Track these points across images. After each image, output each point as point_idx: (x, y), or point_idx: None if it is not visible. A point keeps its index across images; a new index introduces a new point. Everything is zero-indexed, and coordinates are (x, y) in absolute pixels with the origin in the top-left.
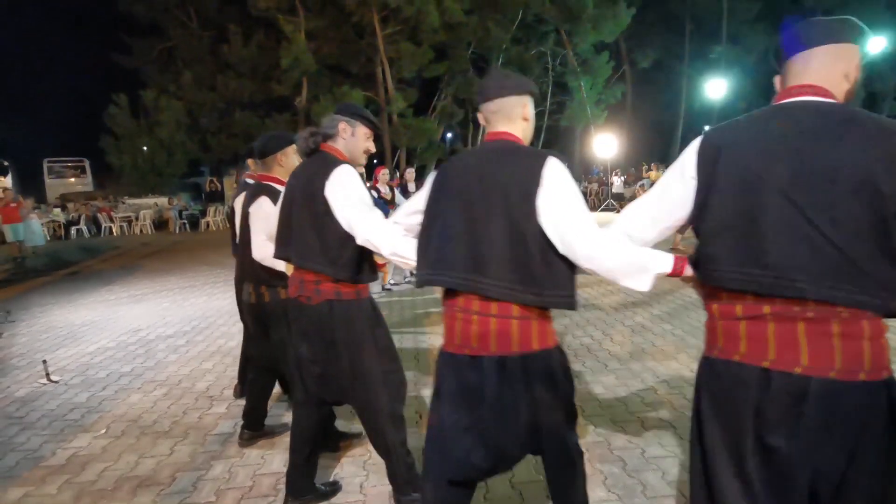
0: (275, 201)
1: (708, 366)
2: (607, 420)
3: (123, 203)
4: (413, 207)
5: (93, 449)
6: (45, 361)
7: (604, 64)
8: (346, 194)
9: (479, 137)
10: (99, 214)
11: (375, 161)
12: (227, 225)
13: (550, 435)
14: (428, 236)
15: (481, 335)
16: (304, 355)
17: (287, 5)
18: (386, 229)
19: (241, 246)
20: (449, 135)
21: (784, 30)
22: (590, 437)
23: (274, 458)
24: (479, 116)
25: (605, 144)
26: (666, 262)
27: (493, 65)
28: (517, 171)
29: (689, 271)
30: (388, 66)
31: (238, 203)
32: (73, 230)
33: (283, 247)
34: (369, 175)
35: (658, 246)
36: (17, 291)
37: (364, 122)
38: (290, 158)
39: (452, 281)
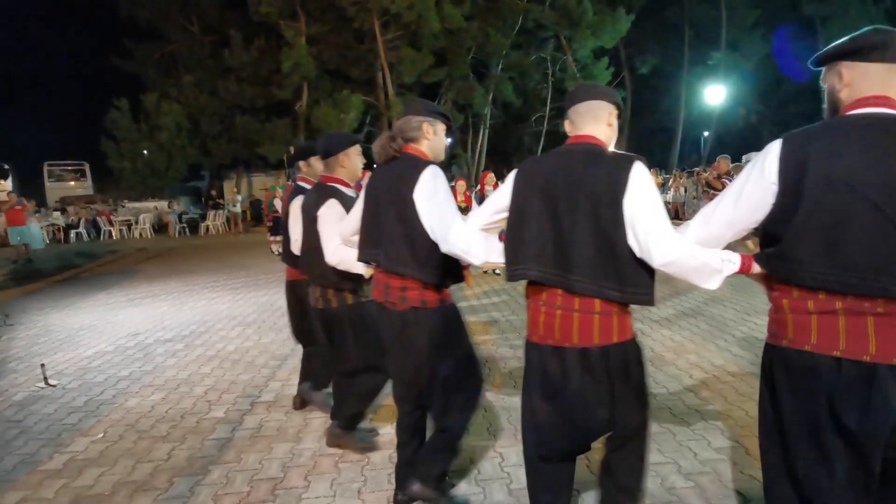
0: (343, 203)
1: (778, 354)
2: None
3: (123, 207)
4: (494, 207)
5: (90, 453)
6: (43, 365)
7: (603, 70)
8: (436, 200)
9: (479, 142)
10: (98, 218)
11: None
12: (227, 229)
13: (626, 420)
14: (517, 234)
15: (564, 328)
16: (392, 360)
17: (288, 11)
18: (474, 238)
19: (309, 250)
20: (449, 139)
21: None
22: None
23: (272, 464)
24: (566, 123)
25: None
26: (735, 261)
27: (493, 69)
28: (605, 174)
29: (756, 268)
30: (389, 72)
31: (295, 206)
32: (72, 234)
33: (371, 249)
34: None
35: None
36: (15, 295)
37: (443, 120)
38: (353, 159)
39: (541, 275)
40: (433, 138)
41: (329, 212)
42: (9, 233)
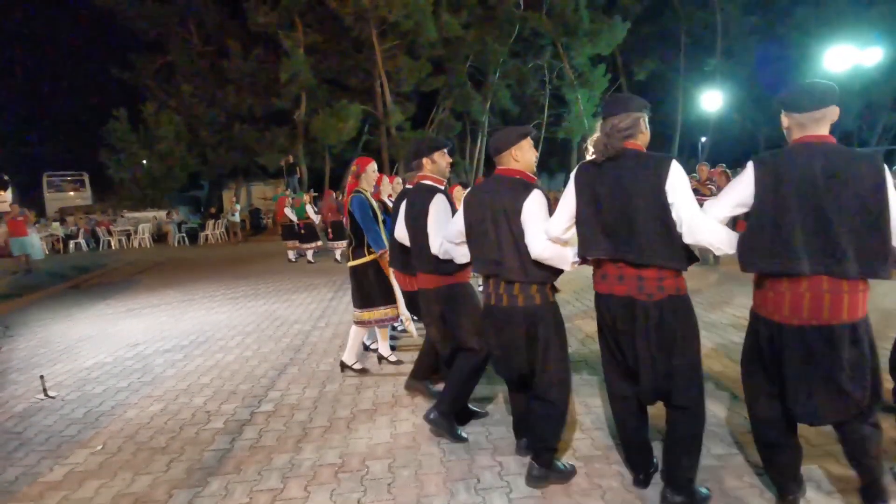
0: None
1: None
2: (606, 434)
3: (122, 217)
4: (737, 201)
5: (89, 465)
6: (42, 377)
7: (600, 77)
8: (687, 193)
9: (478, 150)
10: (98, 228)
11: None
12: (226, 238)
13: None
14: (782, 232)
15: (833, 307)
16: (641, 352)
17: (286, 21)
18: (720, 231)
19: (504, 246)
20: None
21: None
22: (588, 451)
23: (271, 475)
24: (793, 125)
25: None
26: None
27: (490, 77)
28: (865, 166)
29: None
30: (387, 80)
31: (440, 207)
32: (71, 244)
33: (605, 243)
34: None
35: None
36: (15, 306)
37: (647, 111)
38: (526, 152)
39: (813, 269)
40: (646, 132)
41: (538, 207)
42: (10, 243)
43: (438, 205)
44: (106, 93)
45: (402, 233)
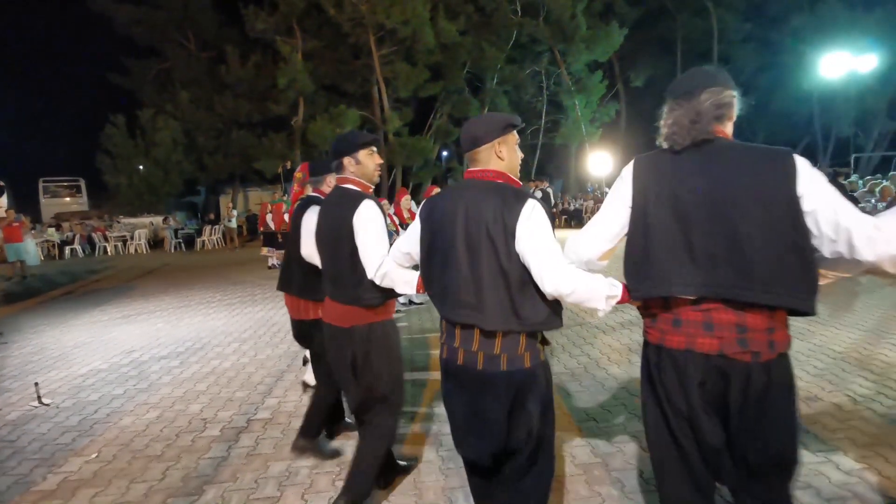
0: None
1: None
2: (605, 441)
3: (118, 222)
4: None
5: (84, 474)
6: (36, 384)
7: (597, 83)
8: (835, 195)
9: None
10: (93, 234)
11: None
12: (223, 244)
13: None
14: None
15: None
16: (736, 440)
17: (284, 27)
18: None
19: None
20: (445, 153)
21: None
22: (587, 458)
23: (268, 483)
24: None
25: (600, 162)
26: None
27: (487, 83)
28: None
29: None
30: (384, 86)
31: (373, 216)
32: (67, 250)
33: (701, 272)
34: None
35: None
36: (9, 312)
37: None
38: (512, 149)
39: None
40: (734, 118)
41: (539, 221)
42: (5, 250)
43: (370, 213)
44: (103, 98)
45: (309, 250)
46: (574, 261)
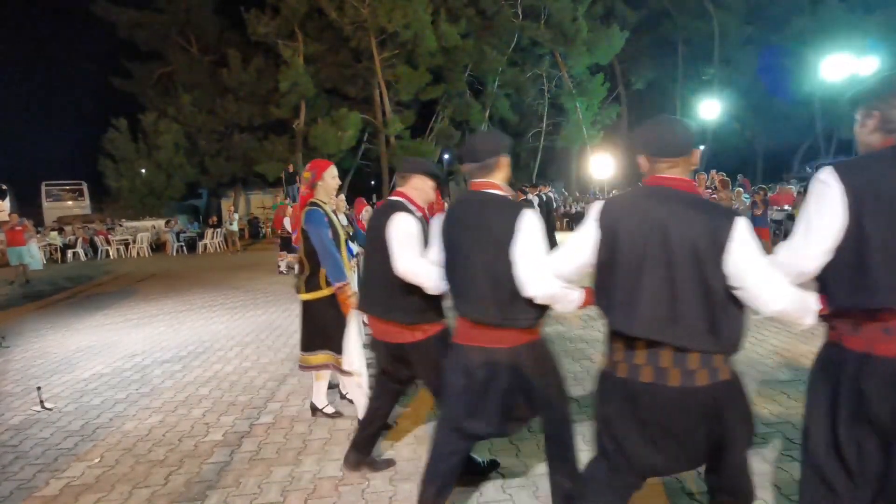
0: None
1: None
2: None
3: (121, 226)
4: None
5: (86, 479)
6: (39, 388)
7: (599, 86)
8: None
9: None
10: (96, 237)
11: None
12: (225, 247)
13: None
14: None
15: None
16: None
17: (286, 31)
18: None
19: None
20: (446, 156)
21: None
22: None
23: (271, 488)
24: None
25: (602, 165)
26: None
27: (489, 86)
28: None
29: None
30: (386, 89)
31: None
32: (69, 253)
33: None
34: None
35: None
36: (11, 316)
37: None
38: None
39: None
40: None
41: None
42: (8, 253)
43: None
44: (105, 102)
45: (411, 266)
46: (788, 274)
